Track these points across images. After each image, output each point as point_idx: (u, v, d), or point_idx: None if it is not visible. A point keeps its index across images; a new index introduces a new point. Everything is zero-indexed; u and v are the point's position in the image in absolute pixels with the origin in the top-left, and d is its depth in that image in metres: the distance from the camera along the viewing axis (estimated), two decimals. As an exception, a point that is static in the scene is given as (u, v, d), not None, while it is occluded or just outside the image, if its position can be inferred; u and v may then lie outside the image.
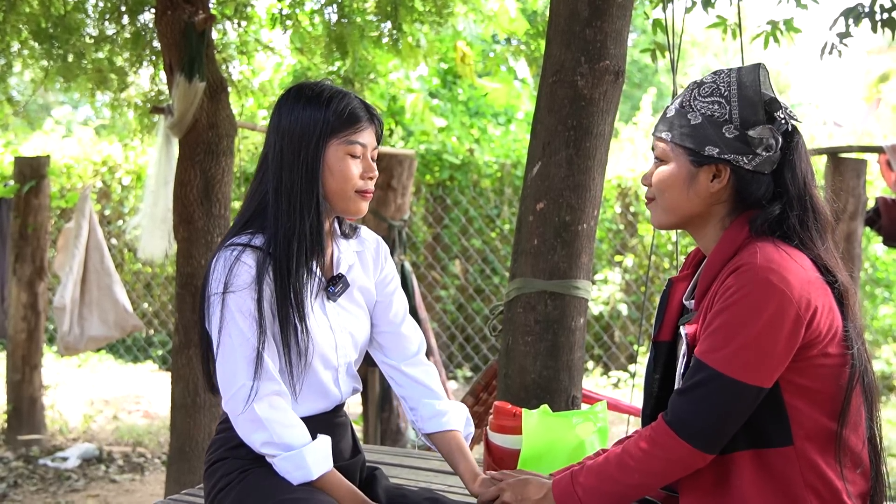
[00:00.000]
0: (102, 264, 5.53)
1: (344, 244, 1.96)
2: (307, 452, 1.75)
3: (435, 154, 8.23)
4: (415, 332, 2.08)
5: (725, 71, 1.70)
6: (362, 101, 1.87)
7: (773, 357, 1.54)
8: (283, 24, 5.38)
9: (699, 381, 1.56)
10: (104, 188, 8.86)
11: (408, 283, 4.93)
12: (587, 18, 2.48)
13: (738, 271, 1.57)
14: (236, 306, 1.75)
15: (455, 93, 8.98)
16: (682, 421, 1.57)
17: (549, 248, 2.54)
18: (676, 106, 1.70)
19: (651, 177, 1.72)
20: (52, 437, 5.87)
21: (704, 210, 1.68)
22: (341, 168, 1.81)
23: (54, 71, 5.79)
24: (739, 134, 1.63)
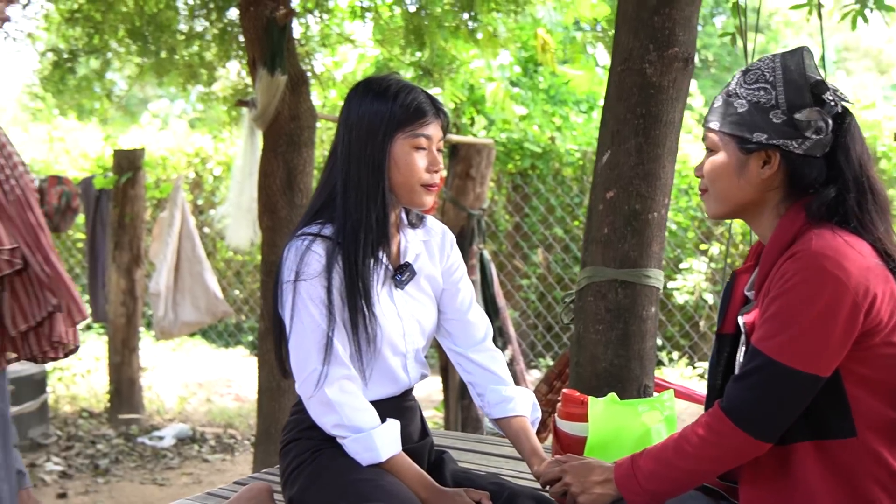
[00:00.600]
0: (194, 252, 5.74)
1: (411, 234, 2.01)
2: (376, 435, 1.81)
3: (516, 143, 8.23)
4: (481, 319, 2.13)
5: (770, 57, 1.68)
6: (428, 95, 1.91)
7: (828, 345, 1.52)
8: (363, 16, 5.48)
9: (754, 367, 1.56)
10: (197, 179, 9.17)
11: (486, 271, 4.97)
12: (655, 6, 2.47)
13: (793, 258, 1.56)
14: (307, 294, 1.82)
15: (536, 81, 8.95)
16: (737, 408, 1.57)
17: (619, 236, 2.55)
18: (723, 95, 1.70)
19: (703, 168, 1.72)
20: (150, 417, 6.14)
21: (758, 197, 1.67)
22: (407, 161, 1.86)
23: (148, 67, 6.04)
24: (787, 118, 1.61)
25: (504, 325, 4.89)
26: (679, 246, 7.56)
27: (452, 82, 6.68)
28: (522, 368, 4.84)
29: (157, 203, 8.59)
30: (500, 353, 2.14)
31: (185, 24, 5.72)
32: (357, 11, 5.46)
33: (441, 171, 1.91)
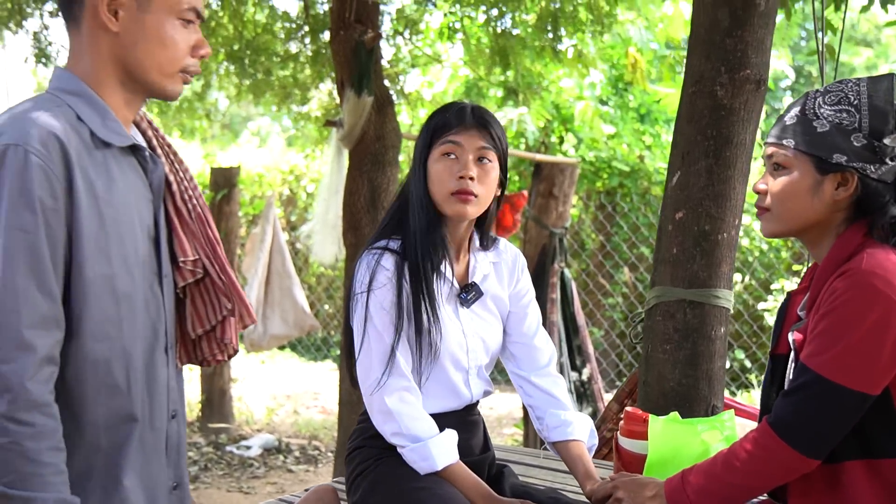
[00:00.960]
0: (284, 267, 5.94)
1: (481, 255, 2.07)
2: (432, 444, 1.87)
3: (605, 161, 8.22)
4: (546, 344, 2.16)
5: (853, 80, 1.69)
6: (475, 108, 1.95)
7: (877, 363, 1.52)
8: (452, 37, 5.59)
9: (802, 384, 1.58)
10: (291, 195, 9.45)
11: (567, 290, 4.99)
12: (727, 28, 2.48)
13: (844, 275, 1.58)
14: (374, 305, 1.90)
15: (626, 99, 8.92)
16: (785, 424, 1.58)
17: (688, 256, 2.55)
18: (797, 113, 1.70)
19: (766, 185, 1.73)
20: (239, 427, 6.36)
21: (825, 218, 1.68)
22: (437, 170, 1.92)
23: (246, 88, 6.29)
24: (868, 143, 1.63)
25: (583, 344, 4.89)
26: (769, 267, 7.41)
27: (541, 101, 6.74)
28: (600, 387, 4.83)
29: (252, 219, 8.89)
30: (561, 379, 2.18)
31: (280, 46, 5.95)
32: (446, 33, 5.58)
33: (470, 176, 1.89)
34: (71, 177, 1.38)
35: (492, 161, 1.94)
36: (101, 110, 1.47)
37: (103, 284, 1.43)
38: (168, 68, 1.50)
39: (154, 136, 1.65)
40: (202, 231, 1.65)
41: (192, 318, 1.66)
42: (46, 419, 1.34)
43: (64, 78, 1.49)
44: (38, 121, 1.38)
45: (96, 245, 1.42)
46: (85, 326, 1.41)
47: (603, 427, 3.14)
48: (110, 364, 1.45)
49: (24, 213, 1.34)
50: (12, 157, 1.34)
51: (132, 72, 1.49)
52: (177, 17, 1.49)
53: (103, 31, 1.46)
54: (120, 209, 1.46)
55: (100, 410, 1.45)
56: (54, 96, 1.46)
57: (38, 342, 1.34)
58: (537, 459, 2.67)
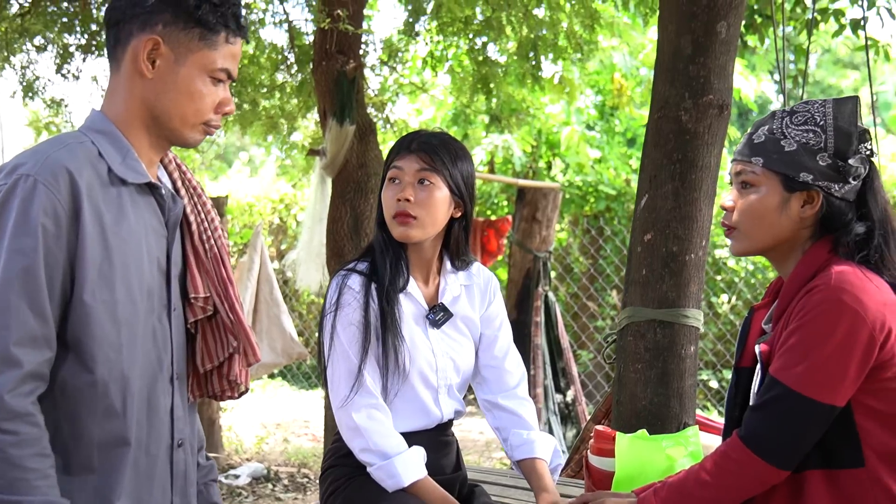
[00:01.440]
0: (272, 296, 5.97)
1: (452, 277, 2.12)
2: (398, 462, 1.92)
3: (591, 185, 8.30)
4: (517, 367, 2.21)
5: (819, 101, 1.75)
6: (421, 135, 2.04)
7: (846, 377, 1.58)
8: (434, 66, 5.68)
9: (773, 397, 1.62)
10: (281, 224, 9.51)
11: (551, 313, 5.04)
12: (690, 55, 2.56)
13: (814, 291, 1.63)
14: (341, 324, 1.98)
15: (612, 124, 9.03)
16: (756, 437, 1.62)
17: (657, 277, 2.61)
18: (765, 132, 1.74)
19: (734, 203, 1.76)
20: (229, 456, 6.36)
21: (791, 235, 1.73)
22: (384, 195, 2.02)
23: (233, 120, 6.37)
24: (832, 162, 1.69)
25: (568, 366, 4.94)
26: (754, 287, 7.47)
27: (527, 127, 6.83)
28: (584, 409, 4.87)
29: (243, 248, 8.94)
30: (530, 403, 2.21)
31: (267, 77, 6.03)
32: (429, 62, 5.67)
33: (407, 199, 1.97)
34: (78, 207, 1.47)
35: (434, 183, 1.99)
36: (123, 149, 1.57)
37: (104, 310, 1.49)
38: (191, 119, 1.59)
39: (180, 177, 1.74)
40: (216, 270, 1.72)
41: (201, 353, 1.73)
42: (30, 427, 1.41)
43: (95, 118, 1.60)
44: (53, 154, 1.49)
45: (99, 272, 1.49)
46: (84, 348, 1.48)
47: (582, 447, 3.18)
48: (108, 386, 1.50)
49: (25, 237, 1.43)
50: (22, 185, 1.45)
51: (158, 117, 1.59)
52: (208, 74, 1.59)
53: (139, 76, 1.57)
54: (128, 241, 1.54)
55: (94, 431, 1.50)
56: (82, 133, 1.57)
57: (24, 358, 1.41)
58: (513, 480, 2.71)
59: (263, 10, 5.41)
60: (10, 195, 1.45)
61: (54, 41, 4.88)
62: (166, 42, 1.56)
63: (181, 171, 1.75)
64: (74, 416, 1.49)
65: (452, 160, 2.02)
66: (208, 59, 1.58)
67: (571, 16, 4.77)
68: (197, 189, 1.78)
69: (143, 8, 1.56)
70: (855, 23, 4.22)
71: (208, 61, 1.58)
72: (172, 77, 1.57)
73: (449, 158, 2.01)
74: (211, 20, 1.58)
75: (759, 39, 4.33)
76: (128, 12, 1.57)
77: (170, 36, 1.56)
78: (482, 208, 8.57)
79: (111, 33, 1.59)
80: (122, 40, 1.57)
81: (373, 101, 5.73)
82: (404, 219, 1.98)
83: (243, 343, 1.75)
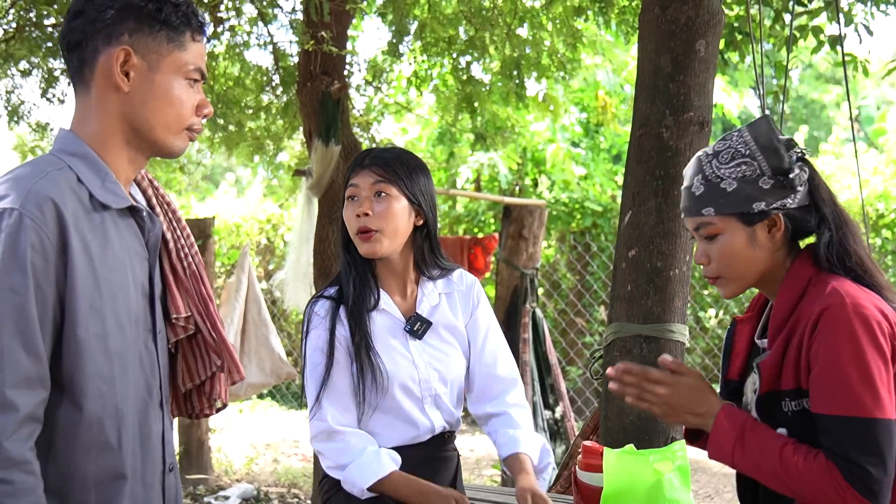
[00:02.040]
0: (260, 316, 5.97)
1: (430, 286, 2.13)
2: (351, 471, 1.96)
3: (577, 202, 8.35)
4: (509, 373, 2.20)
5: (735, 133, 1.78)
6: (378, 150, 2.06)
7: (889, 386, 1.61)
8: (419, 86, 5.71)
9: (830, 435, 1.61)
10: (268, 244, 9.51)
11: (539, 329, 5.06)
12: (670, 73, 2.60)
13: (826, 315, 1.63)
14: (310, 348, 2.01)
15: (597, 141, 9.09)
16: (862, 481, 1.59)
17: (641, 293, 2.63)
18: (701, 182, 1.76)
19: (708, 257, 1.78)
20: (218, 478, 6.33)
21: (771, 262, 1.76)
22: (345, 214, 2.05)
23: (219, 141, 6.38)
24: (775, 181, 1.72)
25: (556, 382, 4.95)
26: (742, 302, 7.51)
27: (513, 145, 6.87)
28: (573, 425, 4.88)
29: (230, 269, 8.93)
30: (523, 408, 2.21)
31: (252, 98, 6.05)
32: (414, 82, 5.70)
33: (365, 214, 2.00)
34: (65, 239, 1.42)
35: (390, 194, 2.01)
36: (101, 172, 1.51)
37: (97, 343, 1.45)
38: (174, 126, 1.56)
39: (154, 194, 1.71)
40: (196, 288, 1.70)
41: (182, 372, 1.71)
42: (26, 476, 1.36)
43: (67, 139, 1.54)
44: (35, 185, 1.42)
45: (90, 305, 1.45)
46: (77, 385, 1.44)
47: (571, 463, 3.19)
48: (102, 422, 1.47)
49: (15, 274, 1.37)
50: (7, 220, 1.39)
51: (139, 129, 1.54)
52: (183, 77, 1.56)
53: (114, 91, 1.52)
54: (114, 269, 1.50)
55: (91, 468, 1.46)
56: (57, 158, 1.51)
57: (20, 401, 1.36)
58: (503, 497, 2.71)
59: (248, 33, 5.44)
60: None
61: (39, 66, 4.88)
62: (136, 51, 1.52)
63: (154, 188, 1.73)
64: (69, 455, 1.45)
65: (407, 171, 2.04)
66: (180, 60, 1.55)
67: (554, 35, 4.82)
68: (171, 205, 1.76)
69: (103, 22, 1.52)
70: (833, 39, 4.27)
71: (181, 63, 1.55)
72: (149, 86, 1.53)
73: (403, 170, 2.03)
74: (174, 20, 1.55)
75: (739, 56, 4.38)
76: (88, 30, 1.52)
77: (138, 44, 1.52)
78: (469, 226, 8.60)
79: (74, 56, 1.54)
80: (88, 60, 1.53)
81: (358, 121, 5.77)
82: (367, 235, 2.00)
83: (227, 361, 1.75)
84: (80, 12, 1.53)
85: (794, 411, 1.70)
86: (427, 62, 5.60)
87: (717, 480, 6.13)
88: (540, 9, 4.68)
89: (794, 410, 1.71)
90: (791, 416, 1.71)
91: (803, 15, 4.02)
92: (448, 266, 2.16)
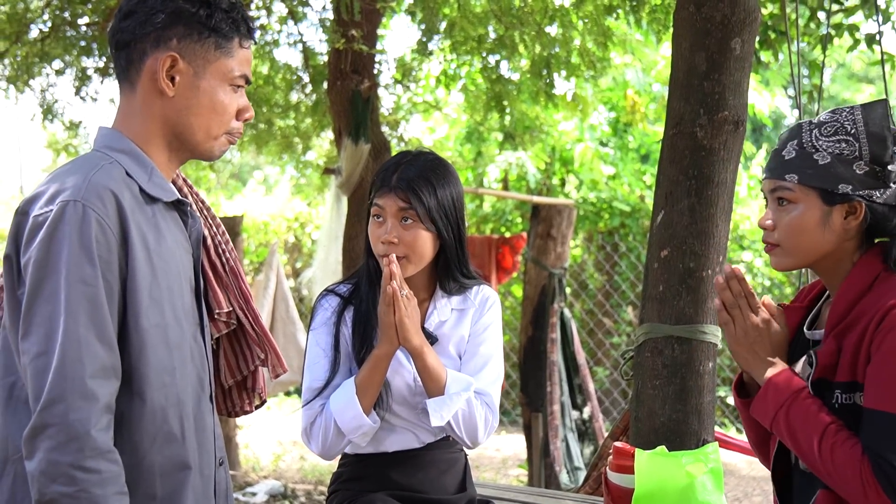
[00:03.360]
0: (288, 314, 5.99)
1: (443, 301, 2.08)
2: (332, 400, 1.96)
3: (605, 202, 8.31)
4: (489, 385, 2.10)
5: (847, 109, 1.71)
6: (403, 168, 1.98)
7: None
8: (447, 85, 5.71)
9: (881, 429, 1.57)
10: (296, 242, 9.55)
11: (567, 329, 5.04)
12: (705, 72, 2.56)
13: (891, 315, 1.59)
14: (311, 343, 2.01)
15: (626, 141, 9.04)
16: (890, 479, 1.56)
17: (674, 293, 2.61)
18: (795, 147, 1.71)
19: (773, 221, 1.73)
20: (245, 474, 6.37)
21: (837, 248, 1.70)
22: (370, 229, 2.02)
23: (249, 140, 6.42)
24: (870, 169, 1.66)
25: (584, 383, 4.93)
26: (772, 304, 7.44)
27: (541, 145, 6.85)
28: (601, 425, 4.85)
29: (258, 267, 8.98)
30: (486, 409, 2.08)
31: (281, 97, 6.08)
32: (442, 80, 5.71)
33: (391, 241, 1.95)
34: (125, 230, 1.44)
35: (414, 220, 1.96)
36: (147, 167, 1.53)
37: (158, 334, 1.48)
38: (215, 131, 1.57)
39: (189, 192, 1.73)
40: (235, 284, 1.72)
41: (224, 368, 1.72)
42: (111, 465, 1.39)
43: (111, 136, 1.55)
44: (93, 177, 1.44)
45: (150, 296, 1.47)
46: (142, 375, 1.46)
47: (600, 464, 3.17)
48: (166, 412, 1.49)
49: (85, 266, 1.40)
50: (71, 212, 1.40)
51: (181, 133, 1.56)
52: (229, 83, 1.56)
53: (158, 94, 1.54)
54: (169, 261, 1.52)
55: (157, 458, 1.49)
56: (103, 154, 1.52)
57: (99, 391, 1.39)
58: (530, 496, 2.70)
59: (278, 31, 5.47)
60: (58, 222, 1.40)
61: (73, 64, 4.94)
62: (184, 57, 1.53)
63: (188, 186, 1.75)
64: (135, 445, 1.47)
65: (432, 191, 1.97)
66: (227, 67, 1.55)
67: (584, 33, 4.80)
68: (206, 203, 1.77)
69: (153, 25, 1.52)
70: (870, 37, 4.22)
71: (227, 70, 1.55)
72: (193, 92, 1.54)
73: (429, 190, 1.97)
74: (225, 27, 1.55)
75: (773, 55, 4.33)
76: (138, 32, 1.53)
77: (186, 50, 1.53)
78: (496, 225, 8.58)
79: (122, 55, 1.56)
80: (135, 61, 1.54)
81: (387, 119, 5.78)
82: (389, 260, 1.96)
83: (271, 355, 1.75)
84: (132, 13, 1.54)
85: (844, 405, 1.66)
86: (456, 61, 5.61)
87: (746, 483, 6.08)
88: (570, 7, 4.66)
89: (843, 404, 1.66)
90: (838, 409, 1.66)
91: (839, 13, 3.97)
92: (468, 283, 2.10)
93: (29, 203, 1.45)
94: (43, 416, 1.36)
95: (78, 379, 1.37)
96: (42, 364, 1.37)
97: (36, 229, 1.41)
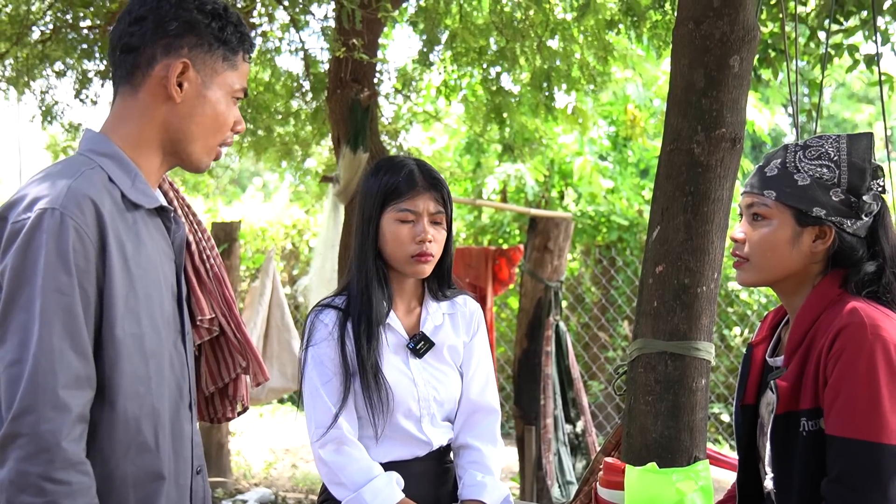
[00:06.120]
0: (283, 320, 5.99)
1: (434, 306, 2.11)
2: (366, 492, 1.92)
3: (604, 215, 8.31)
4: (492, 404, 2.17)
5: (834, 136, 1.75)
6: (423, 170, 2.03)
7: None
8: (448, 95, 5.72)
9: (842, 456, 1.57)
10: (293, 249, 9.54)
11: (562, 343, 5.02)
12: (703, 88, 2.56)
13: (843, 334, 1.60)
14: (312, 359, 1.98)
15: (625, 155, 9.05)
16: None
17: (668, 309, 2.60)
18: (778, 165, 1.75)
19: (744, 234, 1.76)
20: (237, 482, 6.34)
21: (801, 269, 1.73)
22: (394, 233, 2.00)
23: (248, 146, 6.42)
24: (845, 198, 1.69)
25: (578, 396, 4.91)
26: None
27: (540, 157, 6.86)
28: (594, 440, 4.84)
29: (254, 273, 8.97)
30: (497, 447, 2.17)
31: (282, 104, 6.09)
32: (443, 91, 5.72)
33: (428, 240, 1.99)
34: (104, 238, 1.43)
35: (441, 223, 2.04)
36: (131, 172, 1.53)
37: (133, 343, 1.47)
38: (212, 140, 1.59)
39: (175, 197, 1.72)
40: (219, 290, 1.71)
41: (205, 375, 1.71)
42: (82, 476, 1.38)
43: (96, 140, 1.55)
44: (72, 184, 1.43)
45: (126, 305, 1.46)
46: (116, 385, 1.45)
47: (592, 478, 3.16)
48: (140, 422, 1.48)
49: (61, 275, 1.38)
50: (48, 220, 1.39)
51: (179, 140, 1.56)
52: (230, 95, 1.59)
53: (164, 100, 1.54)
54: (148, 269, 1.51)
55: (129, 469, 1.47)
56: (87, 158, 1.52)
57: (72, 402, 1.37)
58: (521, 510, 2.69)
59: (280, 39, 5.47)
60: (35, 230, 1.39)
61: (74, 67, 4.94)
62: (194, 65, 1.55)
63: (174, 191, 1.75)
64: (107, 455, 1.46)
65: (449, 195, 2.07)
66: (231, 79, 1.58)
67: (585, 47, 4.81)
68: (192, 208, 1.77)
69: (166, 33, 1.54)
70: (869, 58, 4.23)
71: (231, 82, 1.58)
72: (200, 101, 1.56)
73: (448, 194, 2.06)
74: (233, 41, 1.58)
75: (772, 73, 4.34)
76: (149, 37, 1.54)
77: (195, 59, 1.55)
78: (493, 237, 8.58)
79: (128, 58, 1.56)
80: (142, 65, 1.55)
81: (386, 129, 5.78)
82: (427, 258, 2.01)
83: (252, 363, 1.74)
84: (143, 18, 1.55)
85: (811, 431, 1.67)
86: (457, 72, 5.62)
87: (739, 501, 6.06)
88: (571, 21, 4.67)
89: (810, 431, 1.67)
90: (806, 437, 1.67)
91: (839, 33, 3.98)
92: (454, 291, 2.17)
93: (8, 209, 1.44)
94: (14, 426, 1.34)
95: (50, 389, 1.36)
96: (15, 373, 1.36)
97: (13, 236, 1.40)
